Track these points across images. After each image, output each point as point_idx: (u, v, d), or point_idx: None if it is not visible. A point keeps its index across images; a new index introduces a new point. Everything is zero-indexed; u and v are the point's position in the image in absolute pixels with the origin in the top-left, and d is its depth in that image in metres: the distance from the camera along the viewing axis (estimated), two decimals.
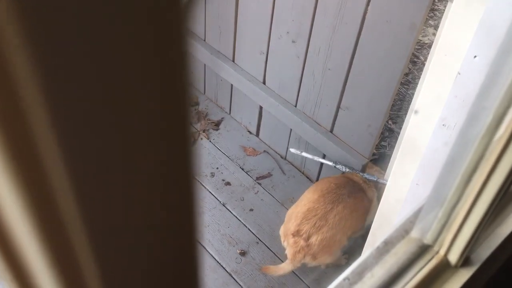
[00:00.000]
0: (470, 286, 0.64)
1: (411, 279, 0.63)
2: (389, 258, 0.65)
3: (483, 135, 0.62)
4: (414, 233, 0.67)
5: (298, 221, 2.18)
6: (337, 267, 2.41)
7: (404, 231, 0.67)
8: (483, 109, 0.63)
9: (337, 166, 2.51)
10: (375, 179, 2.40)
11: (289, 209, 2.35)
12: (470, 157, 0.62)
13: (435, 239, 0.65)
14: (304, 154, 2.65)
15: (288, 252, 2.23)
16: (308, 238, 2.15)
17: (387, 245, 0.66)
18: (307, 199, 2.27)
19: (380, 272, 0.63)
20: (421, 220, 0.67)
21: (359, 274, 0.64)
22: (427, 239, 0.66)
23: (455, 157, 0.63)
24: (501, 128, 0.62)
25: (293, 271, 2.41)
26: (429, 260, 0.64)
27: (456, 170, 0.63)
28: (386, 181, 2.36)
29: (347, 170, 2.46)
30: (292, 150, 2.72)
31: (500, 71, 0.68)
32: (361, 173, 2.43)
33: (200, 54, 2.96)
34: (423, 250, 0.65)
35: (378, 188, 2.45)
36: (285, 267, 2.26)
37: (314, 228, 2.15)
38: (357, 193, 2.30)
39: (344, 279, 0.63)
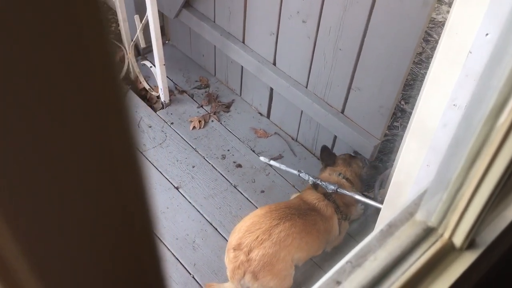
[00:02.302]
0: (475, 269, 0.63)
1: (414, 262, 0.62)
2: (393, 241, 0.64)
3: (488, 116, 0.60)
4: (419, 216, 0.66)
5: (240, 234, 2.03)
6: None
7: (408, 213, 0.67)
8: (489, 89, 0.61)
9: (301, 175, 2.39)
10: (335, 189, 2.24)
11: (236, 226, 2.19)
12: (475, 139, 0.60)
13: (440, 222, 0.64)
14: (272, 162, 2.58)
15: (228, 268, 2.06)
16: (249, 252, 1.98)
17: (391, 228, 0.65)
18: (253, 213, 2.13)
19: (383, 255, 0.63)
20: (425, 202, 0.66)
21: (362, 257, 0.63)
22: (432, 222, 0.65)
23: (460, 138, 0.61)
24: (507, 108, 0.61)
25: None
26: (433, 243, 0.64)
27: (460, 152, 0.61)
28: (346, 191, 2.25)
29: (310, 178, 2.32)
30: (261, 158, 2.66)
31: (507, 50, 0.66)
32: (321, 182, 2.27)
33: (210, 36, 2.94)
34: (427, 232, 0.64)
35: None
36: (228, 286, 2.13)
37: (256, 242, 1.98)
38: (308, 216, 2.14)
39: (346, 262, 0.63)
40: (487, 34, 1.08)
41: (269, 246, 1.98)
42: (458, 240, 0.64)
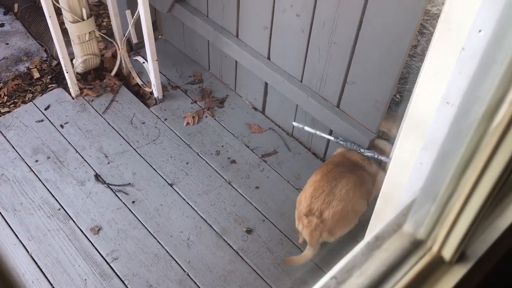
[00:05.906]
0: (465, 283, 0.61)
1: (402, 277, 0.59)
2: (380, 254, 0.61)
3: (479, 122, 0.57)
4: (407, 228, 0.63)
5: (307, 201, 2.24)
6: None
7: (396, 225, 0.63)
8: (480, 92, 0.58)
9: (338, 141, 2.49)
10: (374, 156, 2.38)
11: (298, 196, 2.38)
12: (466, 145, 0.57)
13: (429, 234, 0.61)
14: (306, 128, 2.63)
15: (305, 233, 2.26)
16: (321, 214, 2.20)
17: (377, 240, 0.62)
18: (311, 181, 2.31)
19: (370, 269, 0.60)
20: (414, 213, 0.63)
21: (347, 272, 0.60)
22: (420, 234, 0.62)
23: (448, 146, 0.58)
24: (499, 114, 0.57)
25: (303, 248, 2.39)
26: (422, 257, 0.61)
27: (450, 159, 0.58)
28: (385, 158, 2.35)
29: (348, 145, 2.45)
30: (295, 124, 2.69)
31: (501, 48, 0.63)
32: (360, 150, 2.42)
33: (203, 31, 2.90)
34: (415, 246, 0.61)
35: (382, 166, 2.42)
36: (306, 253, 2.29)
37: (324, 204, 2.20)
38: (355, 170, 2.33)
39: (331, 278, 0.60)
40: (480, 31, 1.05)
41: (337, 204, 2.20)
42: (447, 253, 0.61)
